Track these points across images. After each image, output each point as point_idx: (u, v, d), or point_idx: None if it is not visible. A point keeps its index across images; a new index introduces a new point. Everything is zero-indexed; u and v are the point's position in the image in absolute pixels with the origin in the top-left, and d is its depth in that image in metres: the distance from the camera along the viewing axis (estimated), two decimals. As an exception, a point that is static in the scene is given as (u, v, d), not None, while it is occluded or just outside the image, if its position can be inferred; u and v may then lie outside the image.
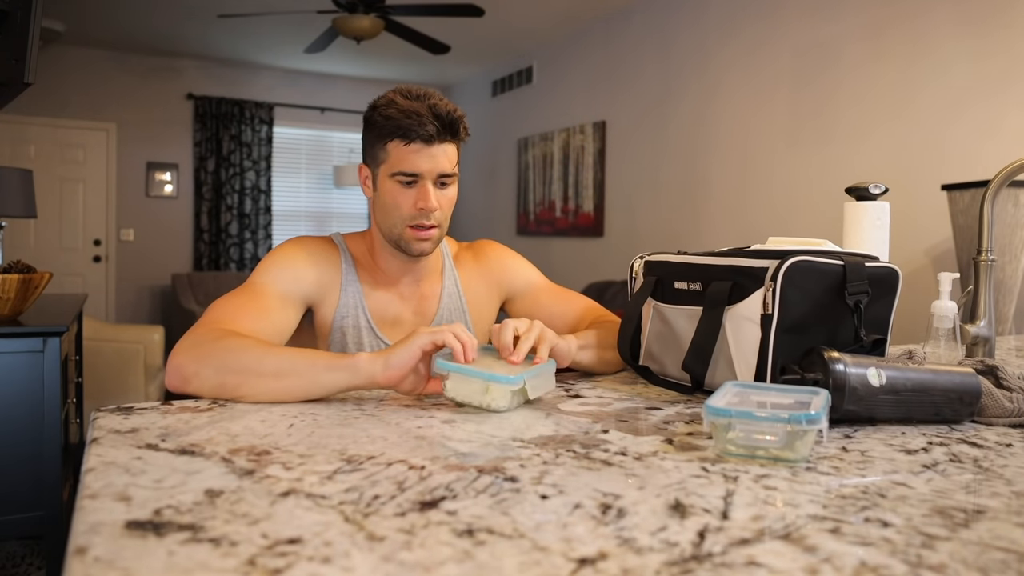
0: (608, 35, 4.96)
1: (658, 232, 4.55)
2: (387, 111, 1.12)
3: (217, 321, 0.99)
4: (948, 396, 0.85)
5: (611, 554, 0.47)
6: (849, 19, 3.39)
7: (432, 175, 1.14)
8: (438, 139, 1.12)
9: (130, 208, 6.08)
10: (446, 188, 1.18)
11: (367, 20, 4.17)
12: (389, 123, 1.12)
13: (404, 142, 1.12)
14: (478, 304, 1.32)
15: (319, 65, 6.32)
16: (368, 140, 1.18)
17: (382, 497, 0.57)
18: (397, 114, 1.11)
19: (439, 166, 1.14)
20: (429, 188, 1.14)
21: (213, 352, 0.91)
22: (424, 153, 1.12)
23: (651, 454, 0.70)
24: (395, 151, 1.13)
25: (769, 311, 0.90)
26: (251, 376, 0.88)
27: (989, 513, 0.56)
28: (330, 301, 1.20)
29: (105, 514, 0.52)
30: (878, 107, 3.27)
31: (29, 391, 1.97)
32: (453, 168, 1.16)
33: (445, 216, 1.19)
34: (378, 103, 1.15)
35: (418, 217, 1.15)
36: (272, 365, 0.88)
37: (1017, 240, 2.41)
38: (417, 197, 1.14)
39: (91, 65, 5.86)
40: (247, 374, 0.88)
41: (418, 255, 1.20)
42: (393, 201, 1.16)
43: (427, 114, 1.11)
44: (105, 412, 0.82)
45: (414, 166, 1.12)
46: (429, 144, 1.12)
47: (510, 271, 1.35)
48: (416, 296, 1.27)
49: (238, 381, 0.88)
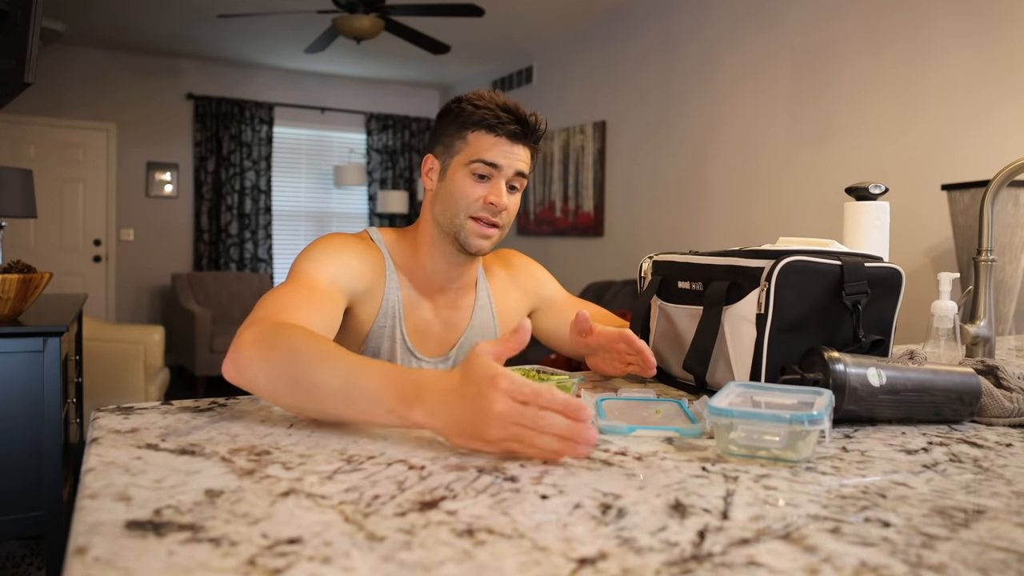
0: (608, 35, 4.96)
1: (658, 232, 4.55)
2: (478, 102, 1.13)
3: (271, 316, 0.90)
4: (948, 396, 0.85)
5: (611, 554, 0.47)
6: (850, 19, 3.39)
7: (509, 171, 1.13)
8: (521, 140, 1.13)
9: (130, 208, 6.08)
10: (514, 193, 1.16)
11: (367, 20, 4.17)
12: (478, 112, 1.12)
13: (490, 133, 1.12)
14: (508, 317, 1.30)
15: (319, 65, 6.31)
16: (446, 130, 1.16)
17: (382, 497, 0.57)
18: (488, 105, 1.12)
19: (517, 164, 1.13)
20: (502, 185, 1.13)
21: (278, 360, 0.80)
22: (507, 149, 1.12)
23: (651, 454, 0.70)
24: (477, 141, 1.12)
25: (763, 311, 0.90)
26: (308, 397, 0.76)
27: (989, 513, 0.56)
28: (372, 302, 1.15)
29: (105, 514, 0.52)
30: (878, 107, 3.27)
31: (29, 391, 1.97)
32: (528, 171, 1.16)
33: (508, 221, 1.16)
34: (466, 95, 1.15)
35: (484, 210, 1.13)
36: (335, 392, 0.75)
37: (1017, 240, 2.41)
38: (489, 191, 1.13)
39: (91, 65, 5.86)
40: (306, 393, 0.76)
41: (475, 253, 1.16)
42: (462, 191, 1.13)
43: (516, 112, 1.12)
44: (105, 412, 0.82)
45: (495, 157, 1.12)
46: (513, 141, 1.12)
47: (538, 283, 1.35)
48: (448, 307, 1.23)
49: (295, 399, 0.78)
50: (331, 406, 0.75)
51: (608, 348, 1.07)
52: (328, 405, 0.75)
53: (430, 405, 0.68)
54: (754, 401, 0.77)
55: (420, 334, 1.20)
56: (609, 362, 1.09)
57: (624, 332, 1.03)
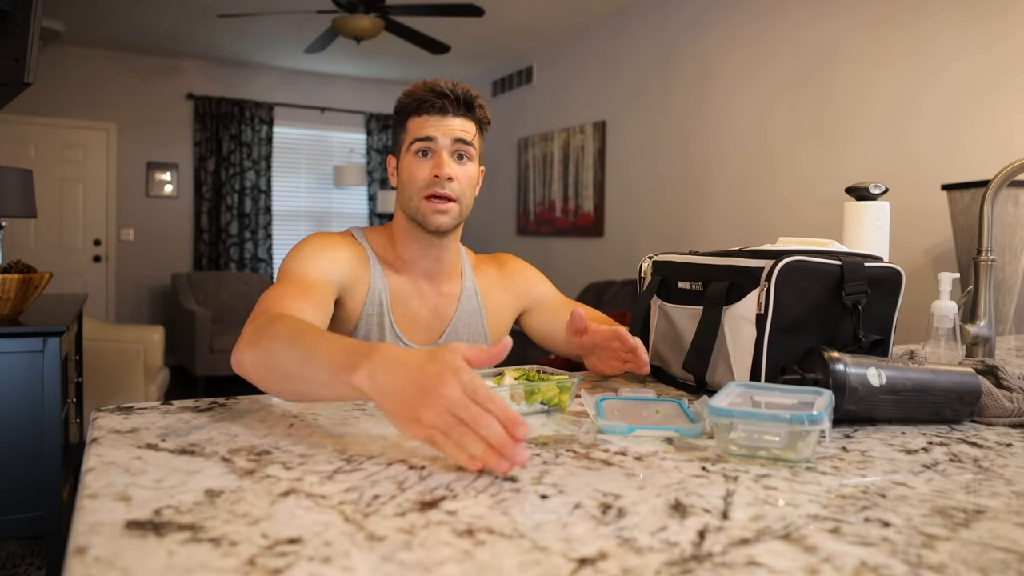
0: (608, 35, 4.96)
1: (658, 232, 4.55)
2: (409, 93, 1.21)
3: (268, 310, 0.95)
4: (948, 396, 0.85)
5: (611, 554, 0.47)
6: (849, 18, 3.39)
7: (447, 140, 1.18)
8: (453, 112, 1.19)
9: (130, 208, 6.08)
10: (464, 162, 1.21)
11: (367, 20, 4.17)
12: (407, 100, 1.21)
13: (422, 115, 1.19)
14: (496, 311, 1.33)
15: (319, 65, 6.31)
16: (394, 129, 1.26)
17: (382, 497, 0.57)
18: (415, 91, 1.20)
19: (454, 133, 1.18)
20: (444, 156, 1.18)
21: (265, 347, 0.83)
22: (438, 122, 1.18)
23: (651, 454, 0.70)
24: (413, 126, 1.20)
25: (763, 311, 0.90)
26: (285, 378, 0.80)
27: (989, 513, 0.56)
28: (359, 292, 1.20)
29: (105, 514, 0.52)
30: (878, 106, 3.27)
31: (29, 391, 1.97)
32: (471, 138, 1.20)
33: (463, 191, 1.20)
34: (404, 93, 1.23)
35: (433, 185, 1.17)
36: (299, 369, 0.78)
37: (1017, 240, 2.41)
38: (432, 165, 1.18)
39: (91, 65, 5.86)
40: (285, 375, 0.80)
41: (435, 230, 1.20)
42: (411, 174, 1.19)
43: (440, 90, 1.18)
44: (105, 412, 0.82)
45: (428, 131, 1.18)
46: (444, 115, 1.18)
47: (530, 283, 1.38)
48: (435, 294, 1.27)
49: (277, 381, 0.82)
50: (300, 383, 0.78)
51: (603, 347, 1.08)
52: (298, 383, 0.78)
53: (375, 367, 0.67)
54: (754, 401, 0.77)
55: (408, 321, 1.24)
56: (605, 361, 1.09)
57: (618, 330, 1.04)
